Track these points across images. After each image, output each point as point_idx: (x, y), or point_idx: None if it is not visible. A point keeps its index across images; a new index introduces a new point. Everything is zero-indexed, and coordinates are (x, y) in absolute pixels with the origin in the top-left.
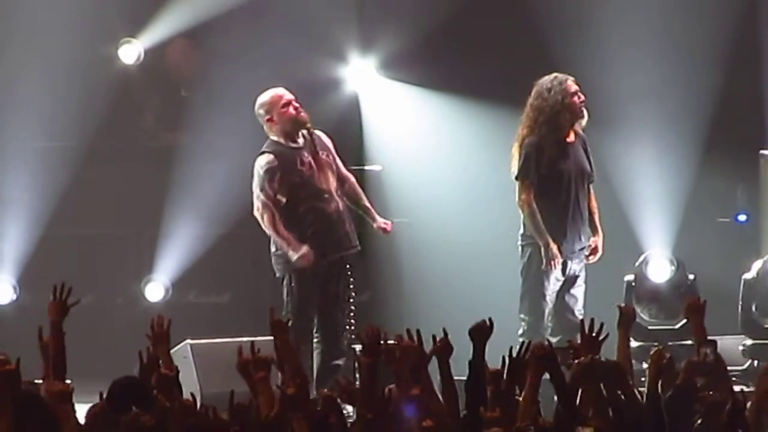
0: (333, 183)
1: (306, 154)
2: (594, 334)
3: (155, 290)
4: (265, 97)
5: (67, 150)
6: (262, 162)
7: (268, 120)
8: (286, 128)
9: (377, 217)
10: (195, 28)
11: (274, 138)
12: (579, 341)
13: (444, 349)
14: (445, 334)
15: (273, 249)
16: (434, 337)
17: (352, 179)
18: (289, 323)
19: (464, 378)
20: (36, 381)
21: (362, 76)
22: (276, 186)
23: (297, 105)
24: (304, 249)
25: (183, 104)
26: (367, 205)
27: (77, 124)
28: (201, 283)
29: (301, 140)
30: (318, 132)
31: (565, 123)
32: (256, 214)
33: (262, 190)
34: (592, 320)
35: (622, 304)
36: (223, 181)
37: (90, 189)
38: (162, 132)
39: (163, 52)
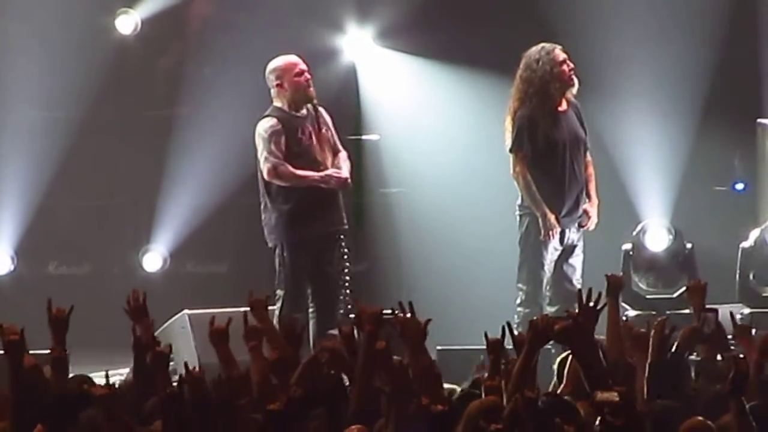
0: (329, 158)
1: (308, 125)
2: (592, 304)
3: (153, 260)
4: (279, 62)
5: (64, 120)
6: (265, 125)
7: (277, 85)
8: (294, 97)
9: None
10: None
11: (279, 105)
12: (576, 311)
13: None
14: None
15: (265, 219)
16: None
17: (342, 155)
18: (279, 294)
19: (463, 347)
20: (41, 351)
21: (359, 45)
22: (282, 148)
23: (309, 77)
24: (331, 171)
25: (179, 75)
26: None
27: (75, 94)
28: (199, 253)
29: (304, 111)
30: (319, 107)
31: (555, 92)
32: (268, 177)
33: (269, 152)
34: (590, 290)
35: (609, 274)
36: (220, 151)
37: (88, 159)
38: (159, 102)
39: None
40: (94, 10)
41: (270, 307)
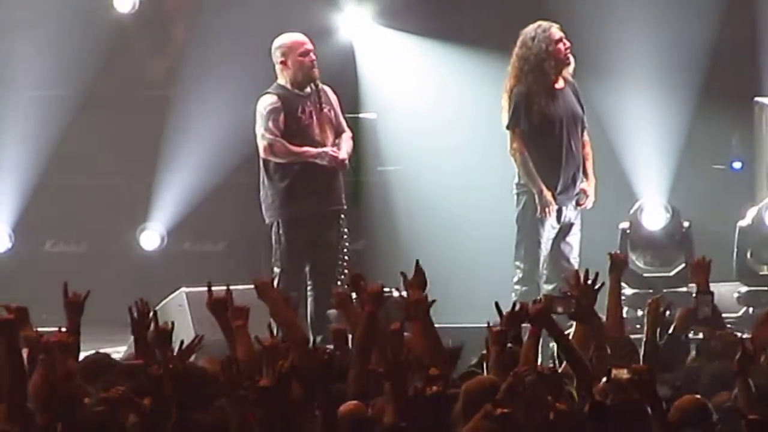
0: (330, 138)
1: (309, 104)
2: (590, 283)
3: (150, 238)
4: (285, 39)
5: (62, 99)
6: (265, 102)
7: (282, 62)
8: (297, 76)
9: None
10: None
11: (282, 82)
12: (567, 289)
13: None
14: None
15: (262, 196)
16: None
17: (345, 135)
18: (276, 271)
19: (460, 325)
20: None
21: (357, 24)
22: (280, 126)
23: (313, 57)
24: (328, 148)
25: (178, 53)
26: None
27: (72, 72)
28: (196, 232)
29: (308, 90)
30: (325, 87)
31: (550, 70)
32: (264, 154)
33: (266, 129)
34: (587, 270)
35: (614, 252)
36: (218, 129)
37: (85, 138)
38: (157, 81)
39: None
40: None
41: None
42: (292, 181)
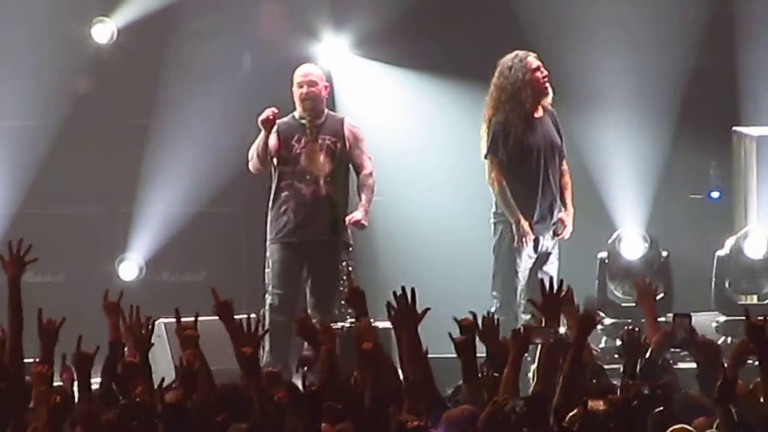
0: (326, 168)
1: (306, 132)
2: (555, 292)
3: (129, 269)
4: (296, 70)
5: (40, 129)
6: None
7: (291, 92)
8: (298, 106)
9: (357, 211)
10: (168, 8)
11: (295, 110)
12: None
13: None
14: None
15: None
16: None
17: (366, 171)
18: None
19: (438, 355)
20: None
21: (335, 54)
22: (268, 146)
23: (305, 91)
24: (273, 136)
25: (156, 83)
26: (361, 199)
27: (50, 103)
28: (175, 262)
29: (315, 119)
30: (341, 118)
31: (527, 99)
32: (251, 163)
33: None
34: (551, 279)
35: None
36: (196, 159)
37: (64, 168)
38: (135, 111)
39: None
40: (70, 18)
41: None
42: (277, 208)
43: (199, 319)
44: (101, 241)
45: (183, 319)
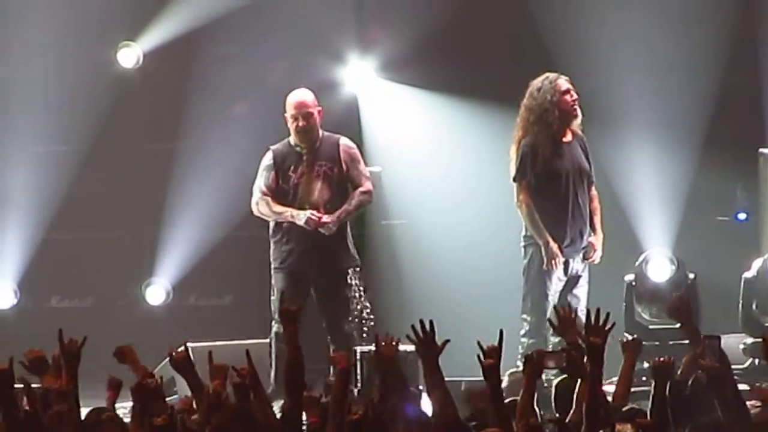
0: (325, 195)
1: (303, 162)
2: (600, 324)
3: (156, 293)
4: (288, 98)
5: (67, 154)
6: (263, 159)
7: (285, 119)
8: (293, 134)
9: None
10: (193, 32)
11: (290, 137)
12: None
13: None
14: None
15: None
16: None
17: (362, 189)
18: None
19: (467, 378)
20: (35, 385)
21: (361, 77)
22: (270, 184)
23: (302, 123)
24: (309, 212)
25: (182, 108)
26: (342, 205)
27: (77, 128)
28: (202, 286)
29: (311, 146)
30: (337, 139)
31: (554, 121)
32: (254, 209)
33: (257, 187)
34: (598, 310)
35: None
36: (222, 183)
37: (90, 193)
38: (161, 135)
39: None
40: (96, 43)
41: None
42: (278, 238)
43: (224, 343)
44: (128, 266)
45: (203, 344)
